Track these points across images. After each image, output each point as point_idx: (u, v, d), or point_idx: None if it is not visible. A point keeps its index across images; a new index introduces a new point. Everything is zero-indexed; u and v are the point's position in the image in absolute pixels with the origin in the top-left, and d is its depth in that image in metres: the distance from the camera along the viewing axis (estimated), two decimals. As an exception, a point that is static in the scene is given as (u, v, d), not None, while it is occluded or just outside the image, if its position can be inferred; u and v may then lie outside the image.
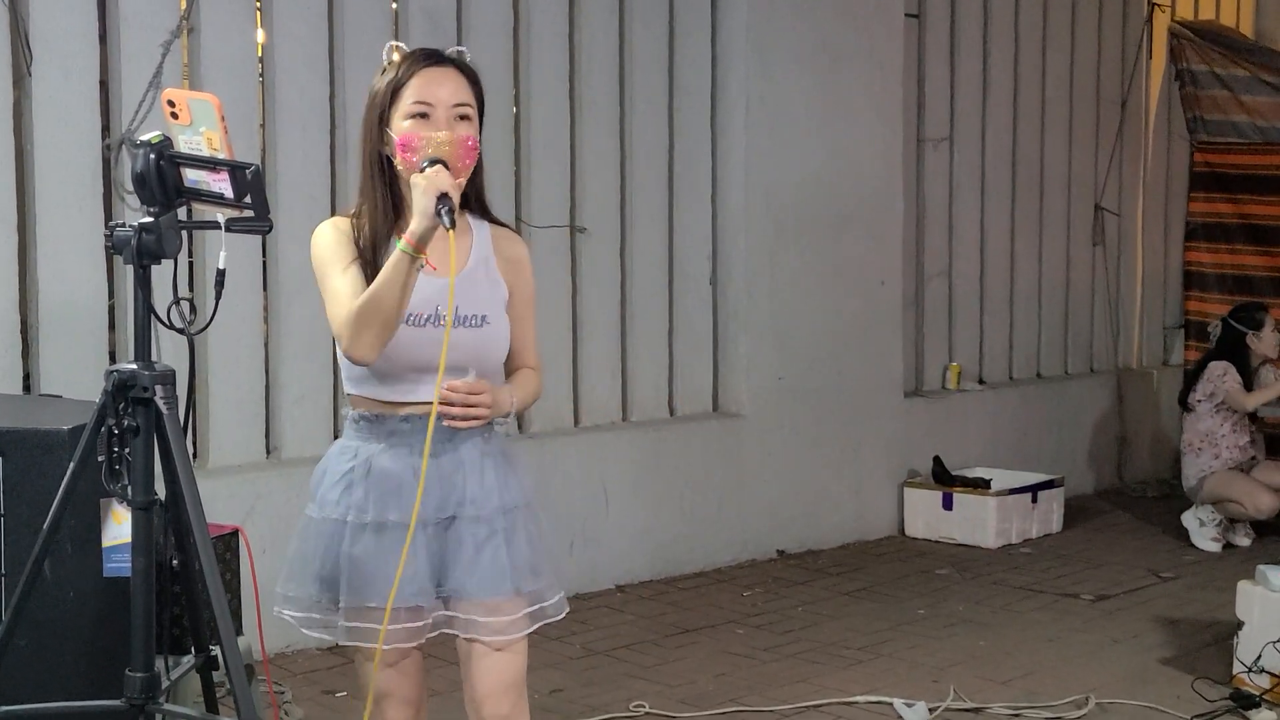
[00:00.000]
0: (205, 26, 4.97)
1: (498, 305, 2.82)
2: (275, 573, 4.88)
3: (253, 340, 5.18)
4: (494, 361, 2.83)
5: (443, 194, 2.58)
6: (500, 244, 2.87)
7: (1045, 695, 4.75)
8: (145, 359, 2.61)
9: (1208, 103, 8.73)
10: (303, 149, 5.24)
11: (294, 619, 2.83)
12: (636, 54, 6.26)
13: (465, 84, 2.76)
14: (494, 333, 2.81)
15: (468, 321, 2.76)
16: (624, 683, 4.85)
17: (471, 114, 2.75)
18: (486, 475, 2.79)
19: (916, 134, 7.56)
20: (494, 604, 2.76)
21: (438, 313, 2.73)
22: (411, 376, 2.75)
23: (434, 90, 2.71)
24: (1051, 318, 8.40)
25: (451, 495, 2.78)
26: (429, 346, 2.70)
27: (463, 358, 2.73)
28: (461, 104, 2.73)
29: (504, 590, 2.76)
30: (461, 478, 2.78)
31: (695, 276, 6.54)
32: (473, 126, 2.74)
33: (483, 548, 2.76)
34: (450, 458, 2.77)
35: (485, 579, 2.75)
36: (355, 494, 2.77)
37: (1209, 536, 6.96)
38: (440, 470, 2.76)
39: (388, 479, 2.75)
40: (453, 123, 2.71)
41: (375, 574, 2.72)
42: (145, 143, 2.53)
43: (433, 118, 2.70)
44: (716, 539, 6.48)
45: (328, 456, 2.88)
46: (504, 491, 2.81)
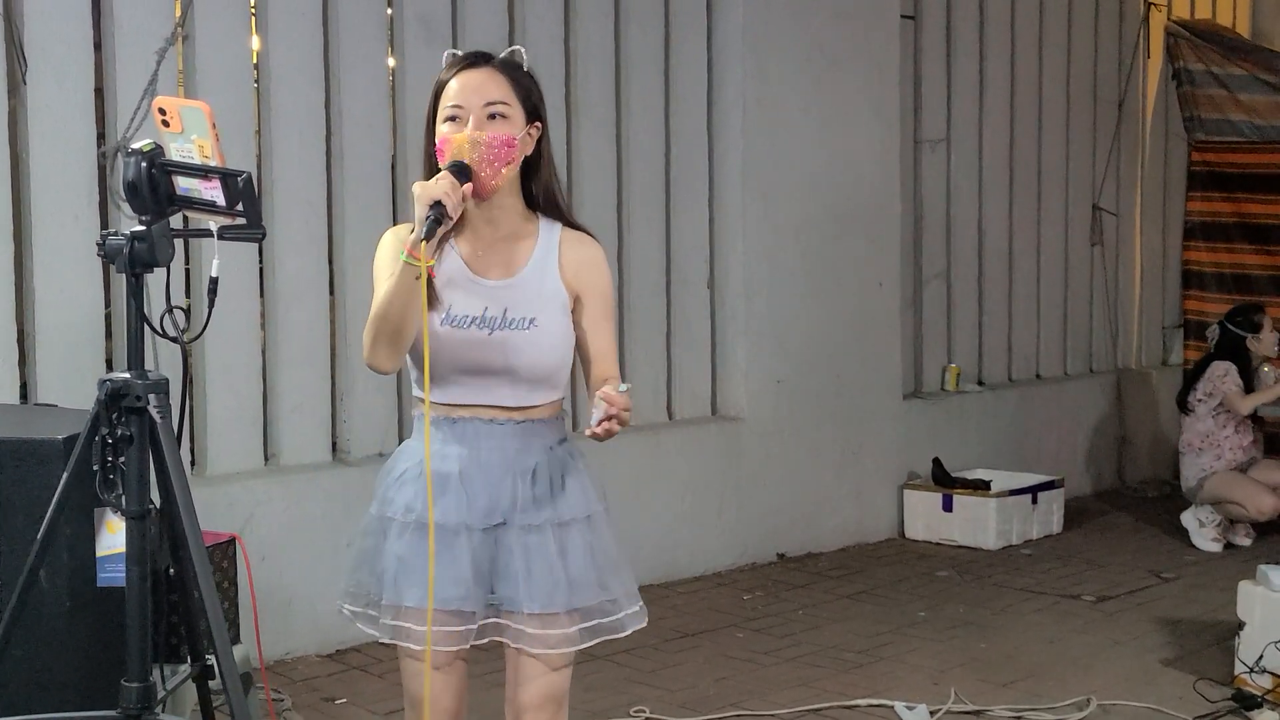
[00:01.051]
0: (200, 34, 4.96)
1: (552, 309, 2.74)
2: (274, 580, 4.93)
3: (250, 348, 5.17)
4: (545, 366, 2.73)
5: (435, 202, 2.55)
6: (567, 247, 2.78)
7: (1047, 697, 4.74)
8: (139, 368, 2.60)
9: (1205, 102, 8.72)
10: (298, 156, 5.23)
11: (351, 613, 2.81)
12: (632, 57, 6.26)
13: (503, 83, 2.70)
14: (542, 336, 2.72)
15: (514, 324, 2.70)
16: (624, 688, 4.84)
17: (508, 112, 2.68)
18: (539, 484, 2.74)
19: (914, 135, 7.56)
20: (546, 617, 2.71)
21: (484, 315, 2.70)
22: (457, 379, 2.71)
23: (465, 92, 2.68)
24: (1050, 318, 8.39)
25: (500, 502, 2.73)
26: (473, 349, 2.69)
27: (507, 361, 2.70)
28: (493, 103, 2.67)
29: (561, 603, 2.71)
30: (511, 484, 2.73)
31: (693, 280, 6.53)
32: (508, 125, 2.68)
33: (534, 559, 2.72)
34: (500, 465, 2.73)
35: (537, 592, 2.71)
36: (407, 493, 2.76)
37: (1209, 537, 6.95)
38: (489, 476, 2.73)
39: (437, 480, 2.72)
40: (483, 123, 2.66)
41: (415, 574, 2.70)
42: (137, 151, 2.52)
43: (462, 120, 2.68)
44: (716, 542, 6.47)
45: (395, 455, 2.87)
46: (560, 502, 2.75)
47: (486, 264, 2.74)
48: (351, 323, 5.39)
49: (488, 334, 2.70)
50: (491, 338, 2.70)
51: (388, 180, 5.52)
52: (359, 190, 5.41)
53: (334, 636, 5.20)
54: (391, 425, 5.52)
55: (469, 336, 2.69)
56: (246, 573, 3.83)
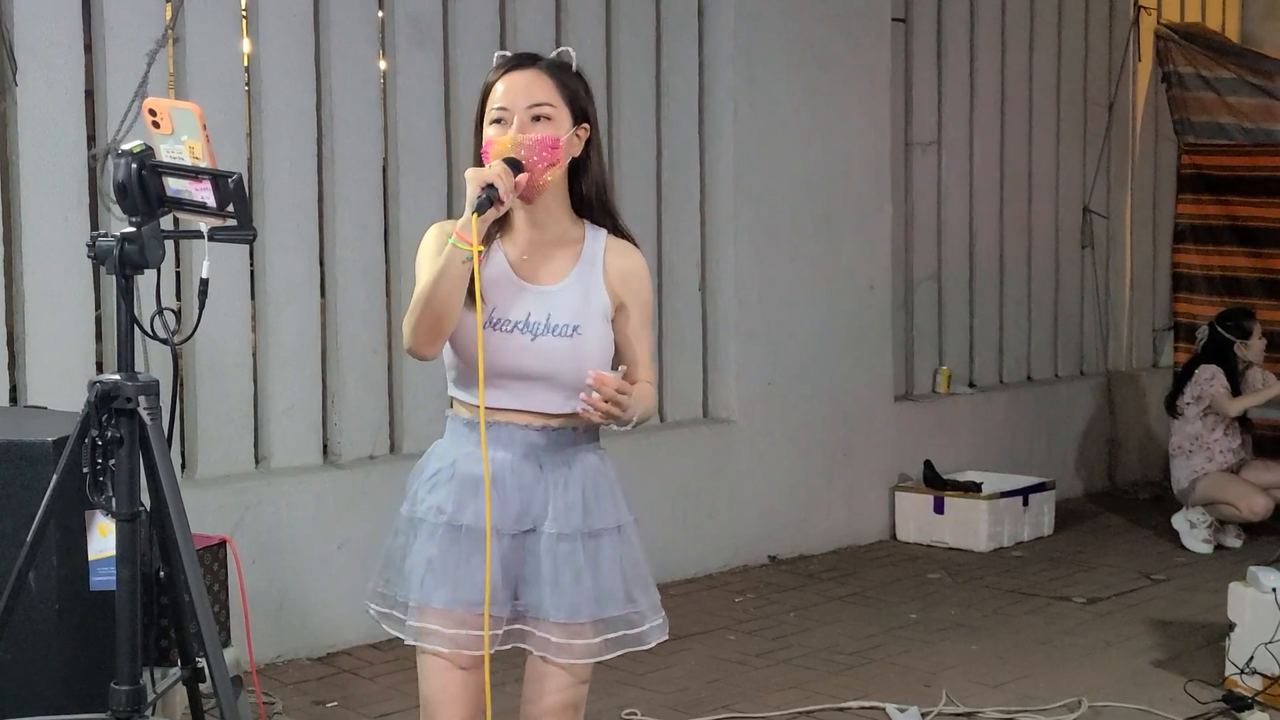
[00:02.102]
0: (190, 36, 4.95)
1: (594, 316, 2.72)
2: (265, 583, 4.92)
3: (241, 350, 5.17)
4: (583, 374, 2.65)
5: (488, 184, 2.55)
6: (613, 255, 2.76)
7: (1038, 699, 4.74)
8: (129, 370, 2.60)
9: (1194, 105, 8.74)
10: (289, 158, 5.22)
11: (378, 614, 2.78)
12: (624, 61, 6.26)
13: (549, 84, 2.69)
14: (586, 344, 2.70)
15: (557, 330, 2.68)
16: (615, 690, 4.84)
17: (552, 114, 2.67)
18: (571, 492, 2.72)
19: (904, 138, 7.56)
20: (572, 627, 2.70)
21: (528, 320, 2.69)
22: (496, 382, 2.69)
23: (510, 94, 2.68)
24: (1041, 320, 8.40)
25: (531, 508, 2.72)
26: (515, 354, 2.68)
27: (548, 367, 2.68)
28: (537, 104, 2.67)
29: (588, 614, 2.70)
30: (544, 492, 2.72)
31: (685, 283, 6.53)
32: (553, 127, 2.66)
33: (563, 568, 2.70)
34: (533, 471, 2.72)
35: (564, 601, 2.69)
36: (438, 494, 2.74)
37: (1200, 538, 6.96)
38: (522, 482, 2.72)
39: (468, 483, 2.70)
40: (526, 125, 2.65)
41: (443, 576, 2.69)
42: (127, 152, 2.52)
43: (507, 122, 2.67)
44: (708, 545, 6.47)
45: (426, 455, 2.84)
46: (591, 512, 2.73)
47: (532, 268, 2.73)
48: (343, 325, 5.38)
49: (530, 339, 2.68)
50: (535, 344, 2.68)
51: (379, 182, 5.52)
52: (350, 192, 5.40)
53: (325, 640, 5.19)
54: (383, 428, 5.51)
55: (511, 341, 2.68)
56: (238, 575, 3.82)
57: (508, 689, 2.93)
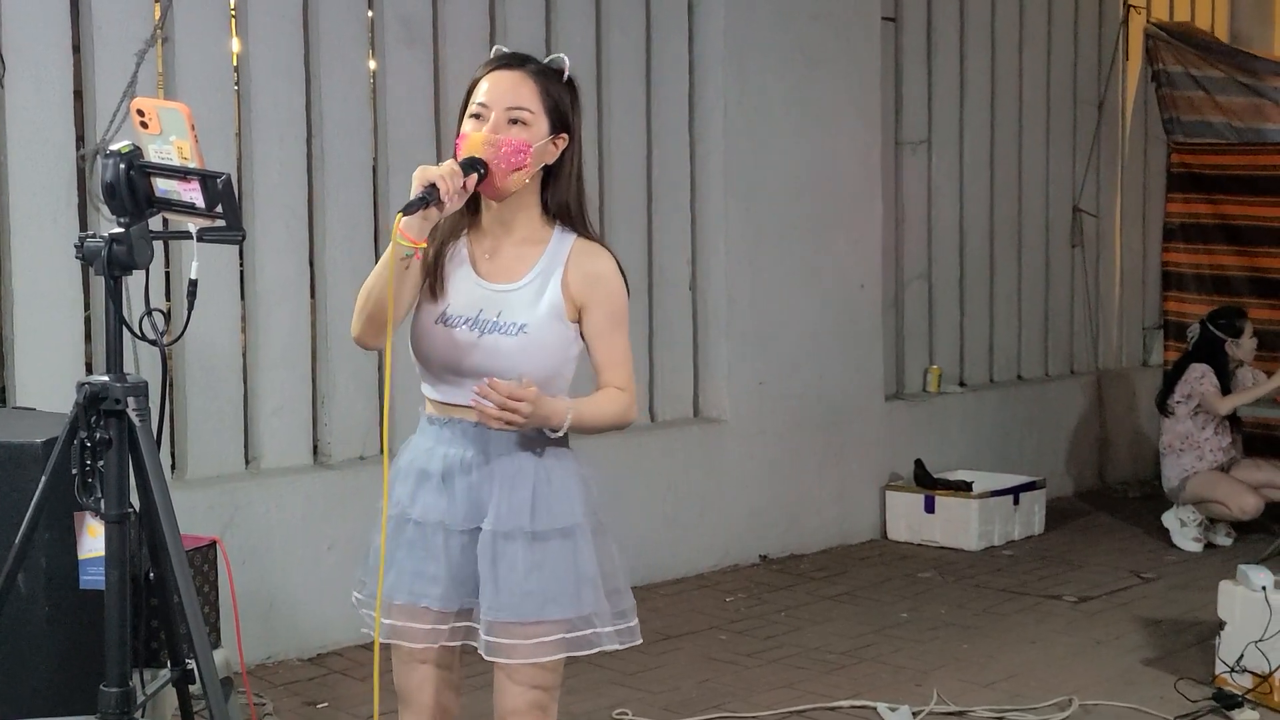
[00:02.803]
0: (179, 36, 4.94)
1: (545, 316, 2.72)
2: (255, 584, 4.92)
3: (230, 350, 5.15)
4: (534, 372, 2.67)
5: (430, 184, 2.56)
6: (577, 257, 2.76)
7: (1029, 697, 4.74)
8: (117, 371, 2.59)
9: (1184, 104, 8.76)
10: (279, 159, 5.21)
11: (356, 600, 2.86)
12: (614, 59, 6.25)
13: (532, 89, 2.70)
14: (532, 343, 2.70)
15: (504, 329, 2.70)
16: (606, 690, 4.83)
17: (529, 119, 2.68)
18: (519, 491, 2.71)
19: (894, 137, 7.57)
20: (513, 627, 2.69)
21: (478, 317, 2.71)
22: (448, 378, 2.74)
23: (491, 92, 2.70)
24: (1031, 319, 8.41)
25: (481, 506, 2.73)
26: (462, 350, 2.70)
27: (494, 365, 2.68)
28: (516, 107, 2.68)
29: (526, 614, 2.68)
30: (490, 492, 2.72)
31: (675, 282, 6.53)
32: (527, 132, 2.68)
33: (504, 567, 2.69)
34: (482, 470, 2.72)
35: (506, 600, 2.69)
36: (399, 488, 2.79)
37: (1190, 536, 6.97)
38: (471, 480, 2.73)
39: (422, 478, 2.76)
40: (501, 126, 2.67)
41: (391, 566, 2.73)
42: (115, 152, 2.51)
43: (484, 119, 2.69)
44: (698, 544, 6.47)
45: (400, 449, 2.89)
46: (540, 513, 2.71)
47: (492, 266, 2.76)
48: (333, 325, 5.37)
49: (477, 336, 2.70)
50: (481, 340, 2.70)
51: (369, 183, 5.51)
52: (340, 193, 5.39)
53: (315, 640, 5.19)
54: (373, 429, 5.50)
55: (459, 336, 2.71)
56: (227, 576, 3.81)
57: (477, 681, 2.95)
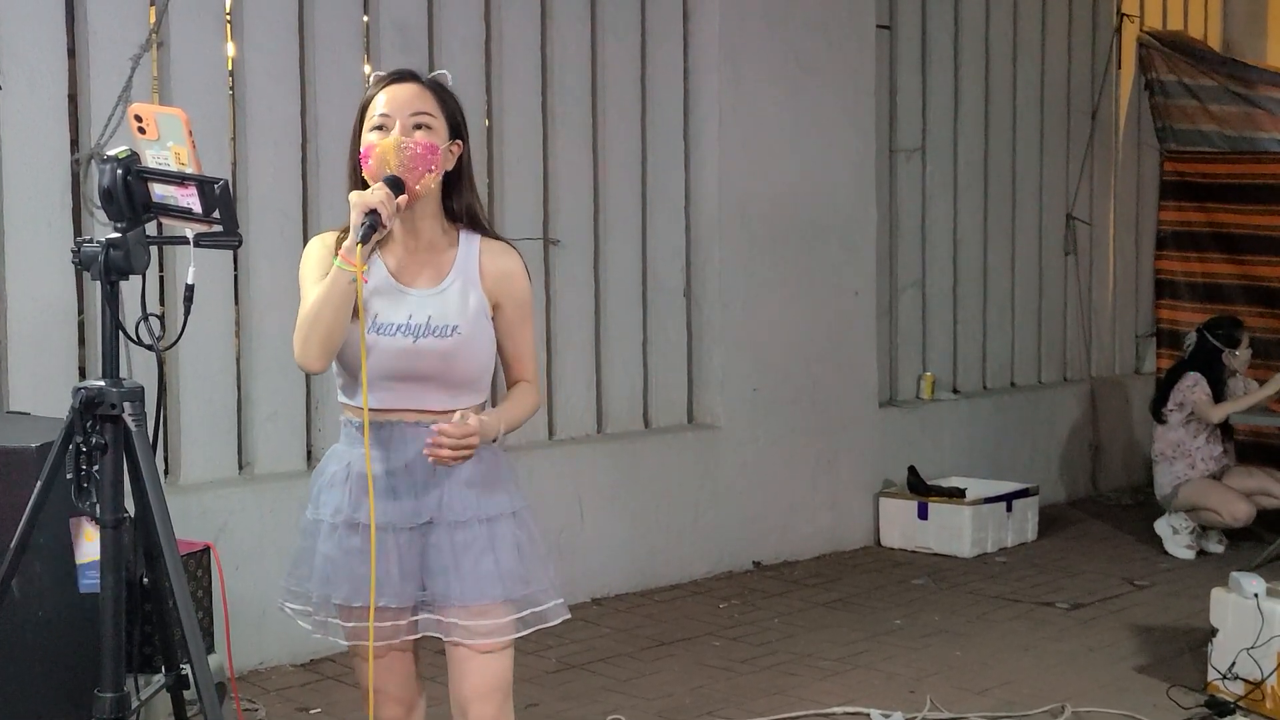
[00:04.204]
0: (175, 41, 4.94)
1: (474, 316, 2.85)
2: (249, 589, 4.90)
3: (224, 355, 5.15)
4: (468, 371, 2.86)
5: (371, 210, 2.67)
6: (488, 257, 2.90)
7: (1022, 705, 4.75)
8: (113, 376, 2.60)
9: (1176, 112, 8.79)
10: (274, 164, 5.22)
11: (293, 611, 2.95)
12: (609, 66, 6.26)
13: (429, 97, 2.84)
14: (465, 343, 2.83)
15: (438, 331, 2.81)
16: (600, 696, 4.83)
17: (432, 123, 2.81)
18: (463, 486, 2.85)
19: (889, 145, 7.58)
20: (480, 608, 2.83)
21: (409, 322, 2.81)
22: (385, 385, 2.83)
23: (392, 103, 2.81)
24: (1025, 327, 8.42)
25: (426, 502, 2.85)
26: (399, 356, 2.80)
27: (430, 367, 2.82)
28: (419, 112, 2.80)
29: (491, 595, 2.83)
30: (437, 485, 2.85)
31: (669, 288, 6.54)
32: (433, 135, 2.80)
33: (464, 554, 2.83)
34: (424, 467, 2.83)
35: (470, 585, 2.82)
36: (335, 495, 2.89)
37: (1182, 544, 6.98)
38: (414, 478, 2.85)
39: (362, 482, 2.83)
40: (408, 130, 2.78)
41: (340, 573, 2.85)
42: (112, 158, 2.52)
43: (388, 128, 2.79)
44: (692, 551, 6.47)
45: (325, 458, 2.99)
46: (485, 500, 2.87)
47: (412, 274, 2.86)
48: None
49: (412, 341, 2.81)
50: (416, 345, 2.81)
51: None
52: (334, 198, 5.38)
53: (308, 646, 5.17)
54: (367, 433, 5.49)
55: (395, 344, 2.80)
56: (220, 582, 3.81)
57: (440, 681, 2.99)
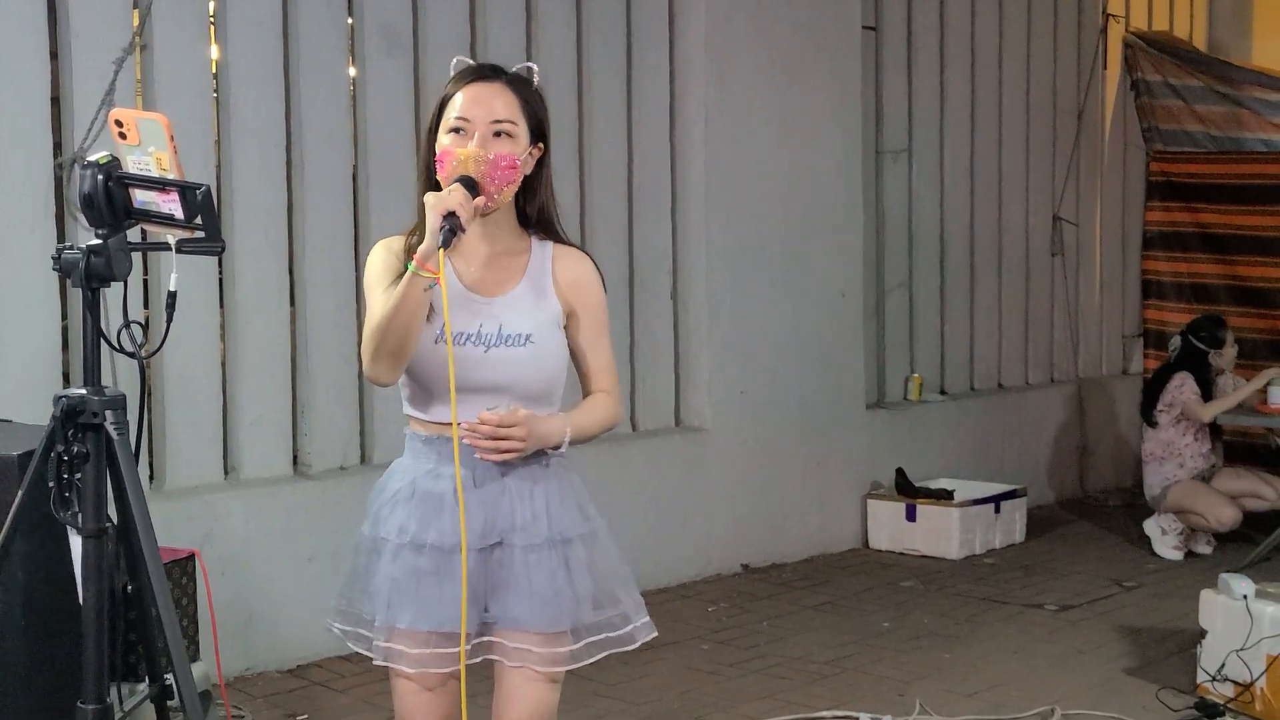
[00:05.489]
0: (158, 44, 4.91)
1: (546, 325, 2.73)
2: (234, 596, 4.88)
3: (209, 360, 5.12)
4: (540, 383, 2.72)
5: (449, 213, 2.54)
6: (560, 263, 2.77)
7: (1011, 707, 4.74)
8: (95, 384, 2.56)
9: (1162, 112, 8.79)
10: (258, 167, 5.18)
11: (342, 632, 2.79)
12: (595, 68, 6.24)
13: (512, 101, 2.69)
14: (539, 353, 2.71)
15: (509, 341, 2.69)
16: (589, 701, 4.81)
17: (514, 131, 2.67)
18: (536, 502, 2.72)
19: (875, 146, 7.57)
20: (550, 635, 2.71)
21: (479, 331, 2.69)
22: (447, 396, 2.67)
23: (473, 106, 2.67)
24: (1012, 328, 8.42)
25: (497, 522, 2.71)
26: (469, 366, 2.67)
27: (503, 378, 2.68)
28: (500, 120, 2.66)
29: (562, 621, 2.71)
30: (509, 504, 2.71)
31: (656, 290, 6.52)
32: (513, 144, 2.67)
33: (535, 577, 2.70)
34: (495, 484, 2.71)
35: (539, 609, 2.69)
36: (400, 513, 2.74)
37: (1171, 545, 6.99)
38: (484, 496, 2.71)
39: (429, 500, 2.72)
40: (488, 140, 2.65)
41: (409, 597, 2.69)
42: (93, 163, 2.49)
43: (467, 133, 2.66)
44: (680, 553, 6.45)
45: (387, 474, 2.84)
46: (557, 520, 2.73)
47: (481, 281, 2.74)
48: (312, 335, 5.34)
49: (484, 351, 2.68)
50: (488, 355, 2.68)
51: (349, 191, 5.48)
52: (319, 201, 5.37)
53: (295, 652, 5.15)
54: (353, 439, 5.47)
55: (464, 354, 2.68)
56: (206, 589, 3.78)
57: (480, 701, 2.90)
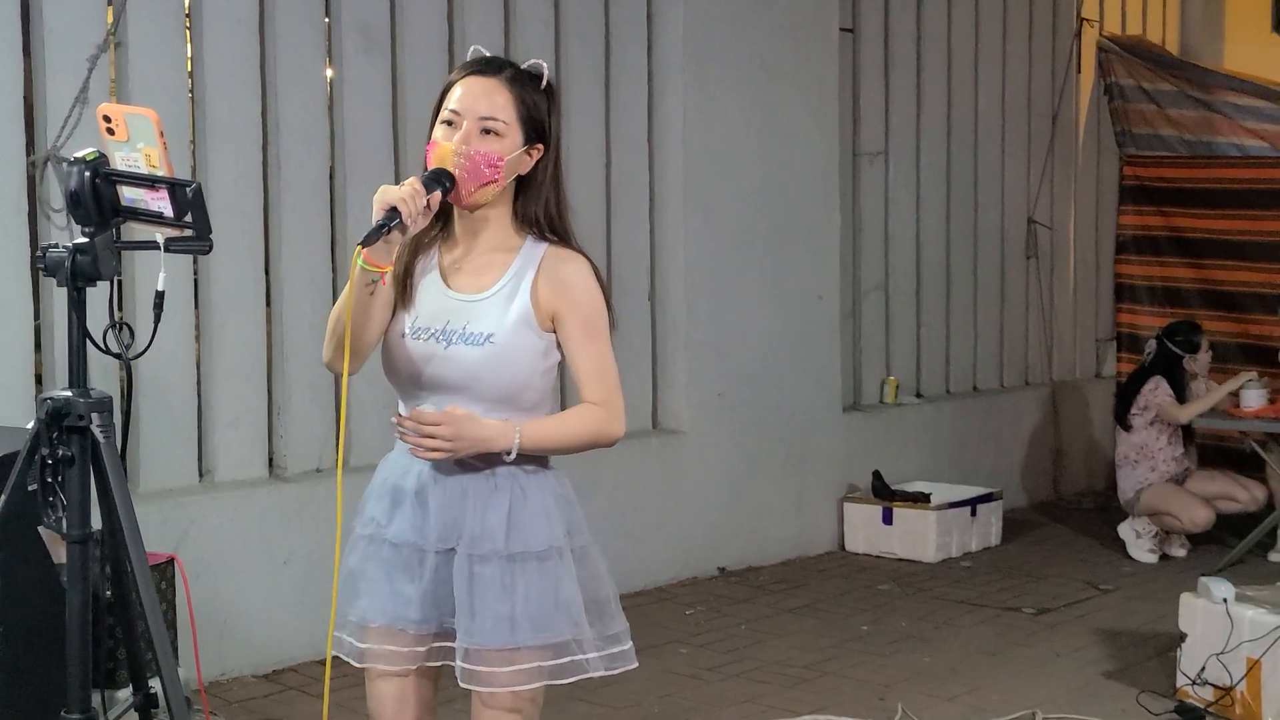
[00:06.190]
0: (133, 40, 4.85)
1: (513, 325, 2.61)
2: (209, 599, 4.82)
3: (184, 361, 5.06)
4: (502, 385, 2.61)
5: (391, 208, 2.48)
6: (548, 264, 2.65)
7: (991, 711, 4.73)
8: (81, 385, 2.51)
9: (1135, 116, 8.83)
10: (235, 166, 5.13)
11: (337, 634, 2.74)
12: (573, 68, 6.21)
13: (507, 97, 2.60)
14: (498, 353, 2.60)
15: (471, 339, 2.60)
16: (568, 706, 4.77)
17: (503, 130, 2.59)
18: (491, 514, 2.61)
19: (852, 148, 7.57)
20: (490, 654, 2.60)
21: (445, 329, 2.62)
22: (417, 395, 2.65)
23: (465, 99, 2.60)
24: (986, 331, 8.43)
25: (453, 527, 2.63)
26: (430, 363, 2.62)
27: (461, 376, 2.60)
28: (489, 118, 2.58)
29: (500, 640, 2.59)
30: (463, 511, 2.62)
31: (633, 292, 6.49)
32: (500, 143, 2.58)
33: (479, 592, 2.59)
34: (455, 486, 2.63)
35: (480, 626, 2.59)
36: (370, 507, 2.72)
37: (1145, 548, 7.01)
38: (444, 498, 2.63)
39: (397, 495, 2.68)
40: (473, 136, 2.58)
41: (362, 589, 2.67)
42: (80, 160, 2.43)
43: (457, 126, 2.60)
44: (657, 556, 6.42)
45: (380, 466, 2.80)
46: (514, 534, 2.61)
47: (461, 277, 2.67)
48: (289, 335, 5.29)
49: (444, 348, 2.62)
50: (447, 352, 2.62)
51: (326, 191, 5.43)
52: (296, 201, 5.31)
53: (271, 656, 5.09)
54: (329, 440, 5.42)
55: (426, 349, 2.63)
56: (185, 594, 3.73)
57: (457, 705, 2.86)
